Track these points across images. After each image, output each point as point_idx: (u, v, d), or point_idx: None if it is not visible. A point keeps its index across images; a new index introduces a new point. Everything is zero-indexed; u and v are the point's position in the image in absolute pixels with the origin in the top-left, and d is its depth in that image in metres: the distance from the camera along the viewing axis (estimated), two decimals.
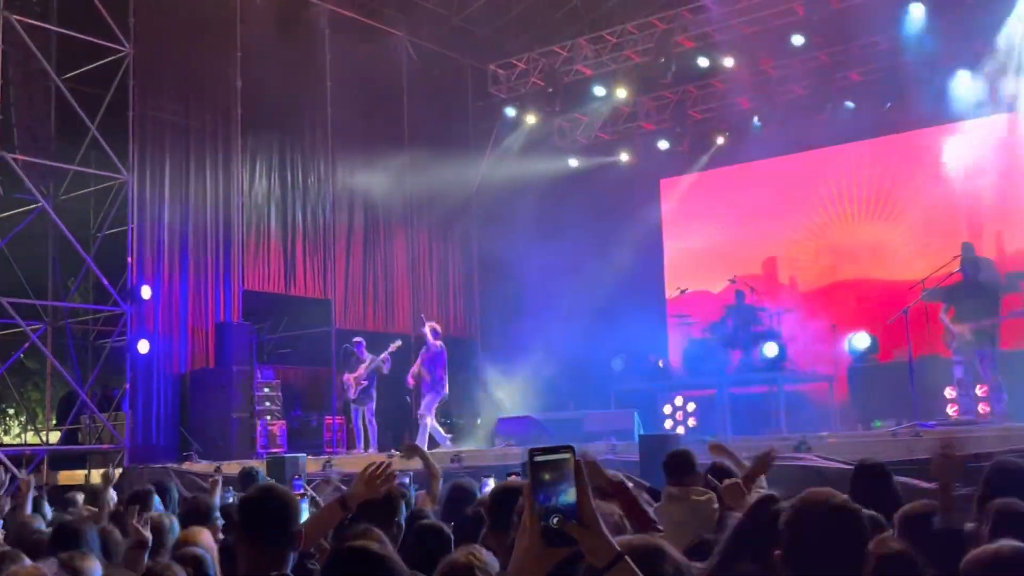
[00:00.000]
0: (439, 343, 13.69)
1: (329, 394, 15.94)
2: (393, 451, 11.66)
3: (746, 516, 3.53)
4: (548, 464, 1.79)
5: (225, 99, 15.30)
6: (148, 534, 4.26)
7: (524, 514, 1.78)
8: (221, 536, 5.28)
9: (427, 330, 13.74)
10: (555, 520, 1.76)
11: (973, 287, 10.89)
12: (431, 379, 13.53)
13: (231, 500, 7.14)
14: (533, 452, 1.82)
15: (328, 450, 14.35)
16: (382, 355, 13.98)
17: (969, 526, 3.75)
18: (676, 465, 5.77)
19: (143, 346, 14.00)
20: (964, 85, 15.20)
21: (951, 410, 11.58)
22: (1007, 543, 2.77)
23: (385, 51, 17.38)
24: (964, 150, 15.63)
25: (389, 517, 4.17)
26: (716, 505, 4.97)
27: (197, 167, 15.04)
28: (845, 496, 2.63)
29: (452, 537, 4.23)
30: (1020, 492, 3.73)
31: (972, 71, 15.08)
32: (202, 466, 12.70)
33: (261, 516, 3.22)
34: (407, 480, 7.33)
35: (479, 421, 16.62)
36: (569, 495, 1.77)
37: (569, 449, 1.81)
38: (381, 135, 17.15)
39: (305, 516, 3.88)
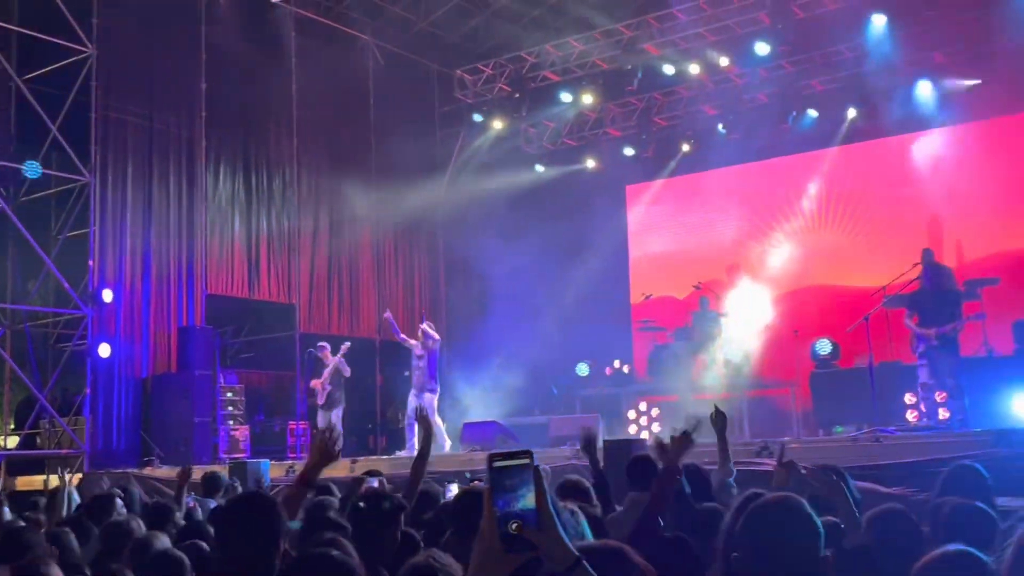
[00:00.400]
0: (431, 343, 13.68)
1: (293, 399, 15.85)
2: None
3: (733, 518, 3.55)
4: (507, 469, 1.79)
5: (189, 101, 15.18)
6: None
7: (483, 519, 1.78)
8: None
9: (427, 328, 13.64)
10: (513, 525, 1.76)
11: (935, 293, 11.03)
12: (426, 379, 13.44)
13: (192, 505, 7.08)
14: (492, 457, 1.81)
15: (291, 455, 14.26)
16: (336, 357, 13.95)
17: (925, 529, 3.81)
18: (639, 470, 5.79)
19: (104, 350, 13.85)
20: (925, 94, 15.40)
21: (911, 416, 11.70)
22: (954, 547, 2.82)
23: (351, 55, 17.33)
24: (925, 159, 15.84)
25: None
26: None
27: (160, 170, 14.90)
28: (801, 499, 2.64)
29: (421, 543, 4.21)
30: (974, 496, 3.78)
31: (933, 80, 15.29)
32: (163, 471, 12.56)
33: (245, 526, 3.09)
34: (375, 483, 7.26)
35: (444, 425, 16.56)
36: (528, 500, 1.77)
37: (528, 454, 1.81)
38: (347, 139, 17.10)
39: None
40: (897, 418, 11.75)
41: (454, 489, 7.44)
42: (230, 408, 14.57)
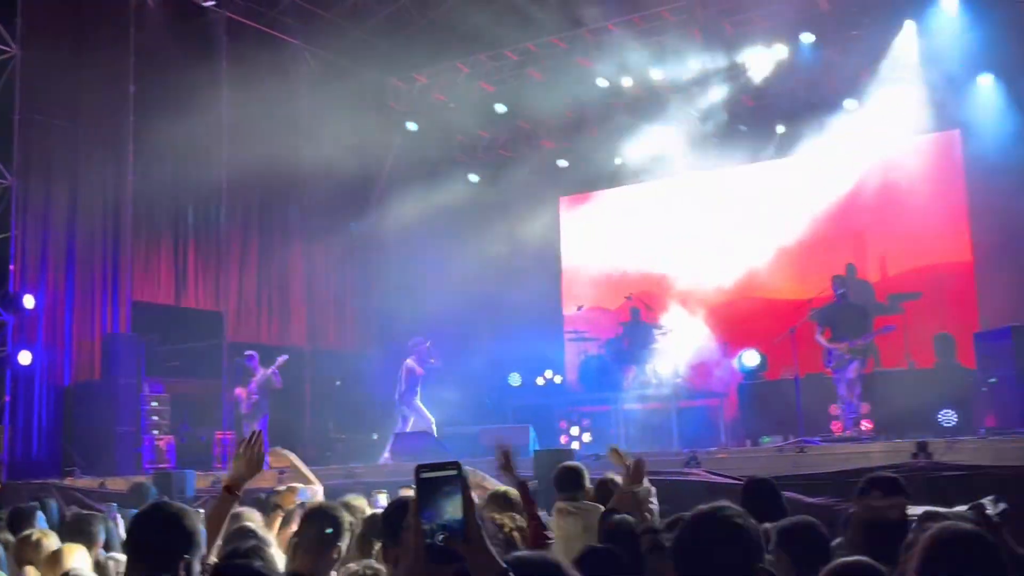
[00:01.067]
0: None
1: (220, 409, 15.58)
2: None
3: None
4: (434, 481, 1.79)
5: (117, 105, 14.86)
6: None
7: (410, 531, 1.77)
8: (103, 553, 5.12)
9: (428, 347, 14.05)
10: (440, 537, 1.75)
11: (847, 307, 11.28)
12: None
13: (117, 516, 6.93)
14: (420, 468, 1.81)
15: (218, 466, 14.02)
16: (270, 368, 13.78)
17: (838, 540, 3.89)
18: (566, 479, 5.82)
19: (25, 357, 13.49)
20: (852, 112, 15.75)
21: (834, 427, 11.93)
22: (857, 559, 2.90)
23: (284, 61, 17.15)
24: (852, 174, 16.18)
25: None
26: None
27: (86, 173, 14.58)
28: (738, 509, 2.66)
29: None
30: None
31: (859, 99, 15.65)
32: (85, 481, 12.29)
33: (154, 536, 2.98)
34: (307, 496, 7.16)
35: (375, 436, 16.45)
36: (455, 512, 1.77)
37: (456, 465, 1.81)
38: (279, 145, 16.86)
39: None
40: (822, 429, 11.98)
41: (382, 499, 7.38)
42: (155, 417, 14.30)
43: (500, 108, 17.83)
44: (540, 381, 16.65)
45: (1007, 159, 13.66)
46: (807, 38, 15.05)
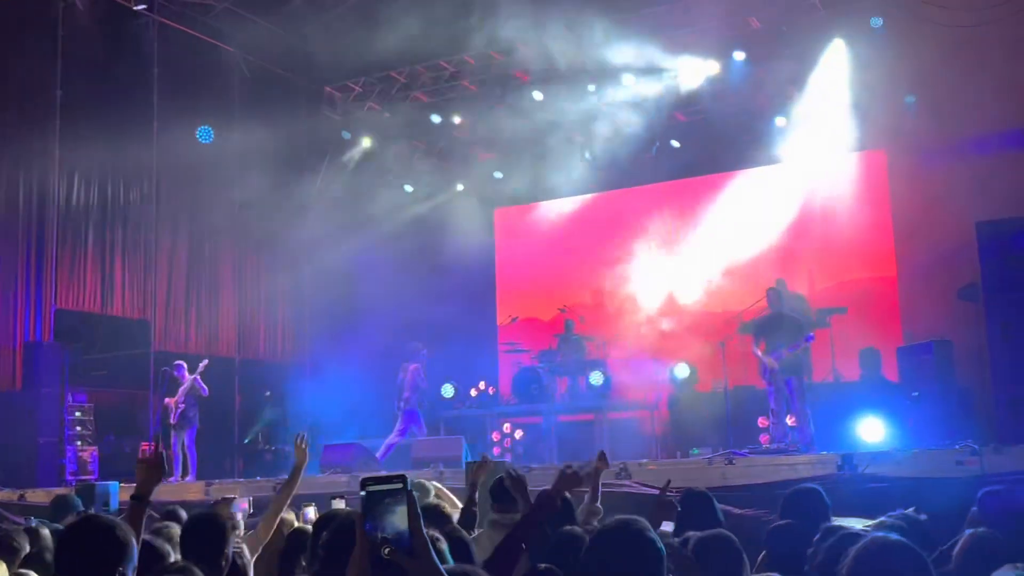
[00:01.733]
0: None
1: (145, 419, 15.27)
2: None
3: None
4: (380, 494, 1.79)
5: (43, 110, 14.50)
6: None
7: (356, 544, 1.77)
8: (19, 570, 4.97)
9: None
10: (386, 551, 1.75)
11: (779, 320, 11.44)
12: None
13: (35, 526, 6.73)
14: (365, 481, 1.80)
15: None
16: (193, 376, 13.57)
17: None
18: (502, 491, 5.80)
19: None
20: (781, 129, 16.05)
21: (763, 439, 12.10)
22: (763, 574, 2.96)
23: (217, 66, 16.92)
24: (782, 191, 16.47)
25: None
26: None
27: (9, 179, 14.20)
28: (644, 522, 2.69)
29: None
30: (811, 515, 3.94)
31: (789, 116, 15.95)
32: (3, 494, 11.94)
33: (87, 552, 2.87)
34: (244, 508, 7.04)
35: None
36: (401, 525, 1.76)
37: (401, 478, 1.81)
38: (211, 152, 16.63)
39: None
40: (751, 441, 12.14)
41: (311, 513, 7.28)
42: (78, 428, 13.95)
43: (435, 118, 17.82)
44: (473, 392, 16.62)
45: (930, 178, 14.03)
46: (738, 55, 15.30)
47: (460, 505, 5.63)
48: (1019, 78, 10.58)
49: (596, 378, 14.91)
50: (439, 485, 6.88)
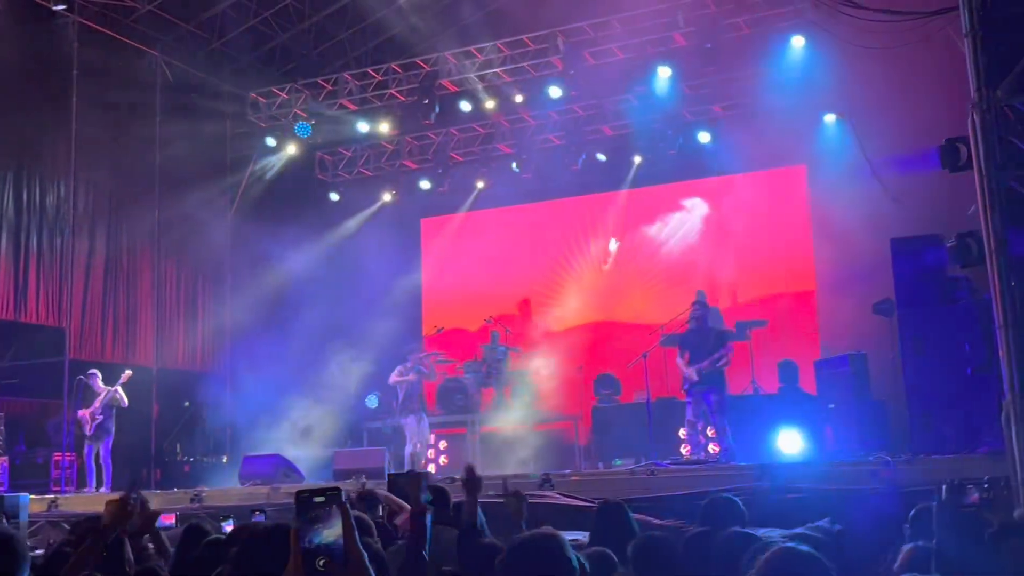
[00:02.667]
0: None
1: (59, 429, 14.86)
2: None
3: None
4: (315, 505, 1.82)
5: None
6: None
7: (291, 556, 1.79)
8: None
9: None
10: (321, 562, 1.76)
11: (701, 332, 11.59)
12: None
13: None
14: (300, 493, 1.83)
15: (55, 489, 13.37)
16: (114, 387, 13.27)
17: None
18: (432, 501, 5.76)
19: None
20: (705, 144, 16.31)
21: (684, 450, 12.23)
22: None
23: (138, 70, 16.60)
24: (704, 205, 16.73)
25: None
26: None
27: None
28: (559, 536, 2.70)
29: None
30: (727, 525, 4.00)
31: (712, 131, 16.21)
32: None
33: None
34: (170, 524, 6.88)
35: (225, 459, 16.02)
36: (336, 536, 1.79)
37: (336, 490, 1.85)
38: (131, 156, 16.32)
39: None
40: (673, 452, 12.26)
41: (230, 524, 7.16)
42: None
43: (363, 127, 17.73)
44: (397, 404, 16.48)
45: (848, 194, 14.36)
46: (664, 71, 15.52)
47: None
48: (934, 101, 10.90)
49: (521, 389, 14.93)
50: (387, 494, 6.82)
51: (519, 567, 2.60)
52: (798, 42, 14.64)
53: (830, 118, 15.55)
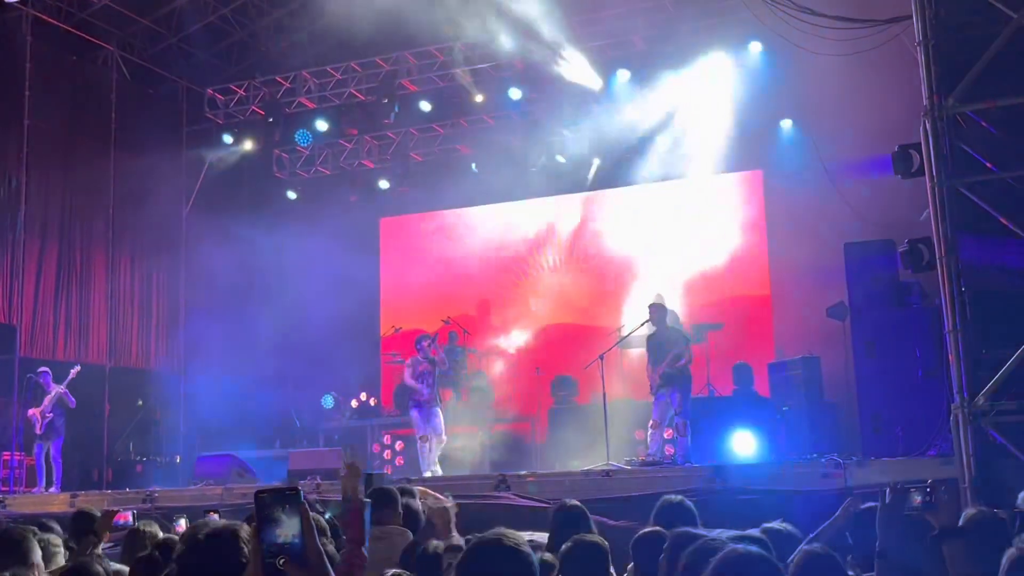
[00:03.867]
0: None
1: (8, 427, 14.62)
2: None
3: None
4: (274, 504, 1.82)
5: None
6: None
7: (250, 555, 1.82)
8: None
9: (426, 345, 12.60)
10: (281, 561, 1.78)
11: (661, 334, 11.65)
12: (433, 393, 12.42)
13: None
14: (260, 492, 1.85)
15: (3, 488, 13.16)
16: (62, 386, 13.09)
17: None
18: (376, 503, 5.75)
19: None
20: (663, 147, 16.39)
21: (639, 451, 12.28)
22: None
23: (94, 65, 16.40)
24: (664, 208, 16.81)
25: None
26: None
27: None
28: (518, 536, 2.70)
29: None
30: (678, 526, 4.04)
31: (669, 134, 16.31)
32: None
33: None
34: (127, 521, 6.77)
35: (178, 459, 15.86)
36: (295, 535, 1.80)
37: (294, 490, 1.87)
38: (85, 152, 16.09)
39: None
40: (628, 453, 12.31)
41: (183, 524, 7.11)
42: None
43: (321, 125, 17.65)
44: (355, 404, 16.45)
45: (803, 199, 14.53)
46: (623, 74, 15.59)
47: (449, 503, 5.58)
48: (889, 107, 11.05)
49: (478, 390, 14.93)
50: (423, 488, 6.83)
51: (480, 565, 2.60)
52: (755, 47, 14.78)
53: (786, 123, 15.72)
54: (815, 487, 8.44)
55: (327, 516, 4.65)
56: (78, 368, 13.52)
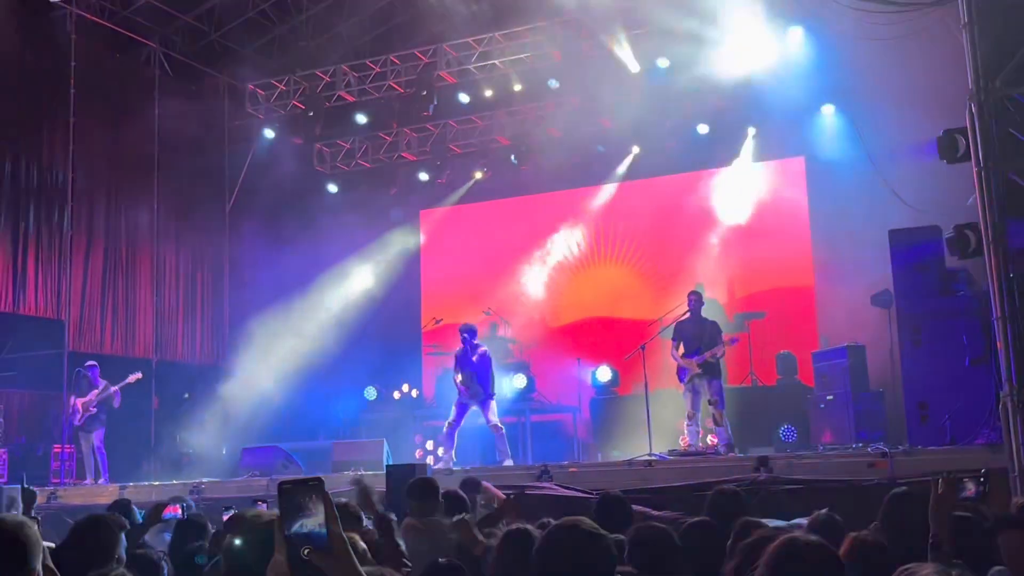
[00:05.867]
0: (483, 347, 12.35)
1: (58, 421, 14.88)
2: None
3: (498, 549, 3.64)
4: (298, 495, 1.81)
5: None
6: None
7: (275, 546, 1.80)
8: None
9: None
10: (305, 551, 1.77)
11: (698, 324, 11.60)
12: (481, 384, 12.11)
13: None
14: (283, 483, 1.83)
15: (55, 481, 13.40)
16: (115, 386, 13.26)
17: None
18: (418, 493, 5.81)
19: None
20: (704, 136, 16.27)
21: (682, 441, 12.24)
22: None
23: (137, 62, 16.60)
24: (702, 198, 16.69)
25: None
26: (453, 535, 5.06)
27: None
28: (592, 523, 2.74)
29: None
30: (730, 516, 4.01)
31: (711, 123, 16.18)
32: None
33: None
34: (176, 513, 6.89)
35: (224, 451, 16.02)
36: (319, 526, 1.79)
37: (318, 480, 1.84)
38: (129, 148, 16.28)
39: None
40: (670, 443, 12.28)
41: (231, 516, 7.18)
42: None
43: (361, 119, 17.72)
44: (396, 395, 16.54)
45: (846, 186, 14.35)
46: (662, 62, 15.48)
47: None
48: (934, 90, 10.87)
49: (519, 381, 14.95)
50: (487, 484, 6.95)
51: (558, 548, 2.65)
52: (796, 33, 14.61)
53: (828, 109, 15.52)
54: (861, 477, 8.35)
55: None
56: (139, 375, 13.65)
